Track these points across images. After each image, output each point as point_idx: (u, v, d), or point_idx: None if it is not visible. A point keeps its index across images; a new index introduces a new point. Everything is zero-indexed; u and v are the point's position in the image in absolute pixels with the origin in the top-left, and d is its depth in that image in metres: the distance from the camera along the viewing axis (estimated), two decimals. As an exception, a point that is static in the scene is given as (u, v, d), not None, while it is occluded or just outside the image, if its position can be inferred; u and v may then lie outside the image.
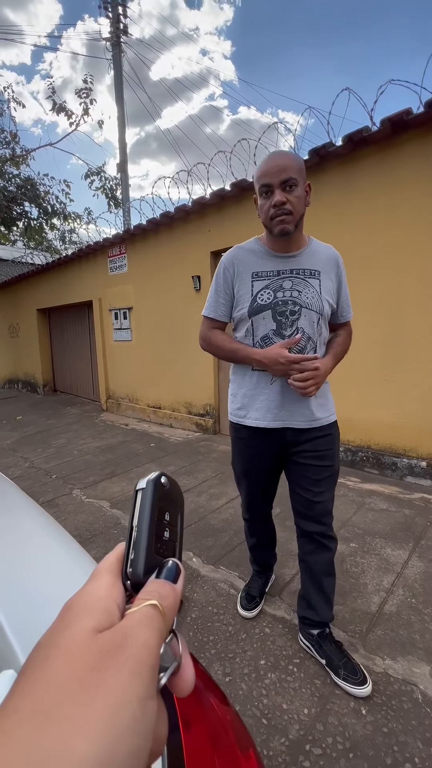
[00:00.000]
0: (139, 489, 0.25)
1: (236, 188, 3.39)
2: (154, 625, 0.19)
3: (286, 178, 1.08)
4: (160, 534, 0.24)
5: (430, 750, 1.03)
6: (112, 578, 0.22)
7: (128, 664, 0.17)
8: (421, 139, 2.47)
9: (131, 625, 0.18)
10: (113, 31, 7.27)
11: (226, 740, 0.32)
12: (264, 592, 1.62)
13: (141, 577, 0.22)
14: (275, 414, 1.22)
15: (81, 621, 0.18)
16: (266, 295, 1.17)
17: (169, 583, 0.22)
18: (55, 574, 0.56)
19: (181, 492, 0.28)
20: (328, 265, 1.20)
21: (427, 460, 2.69)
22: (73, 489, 2.92)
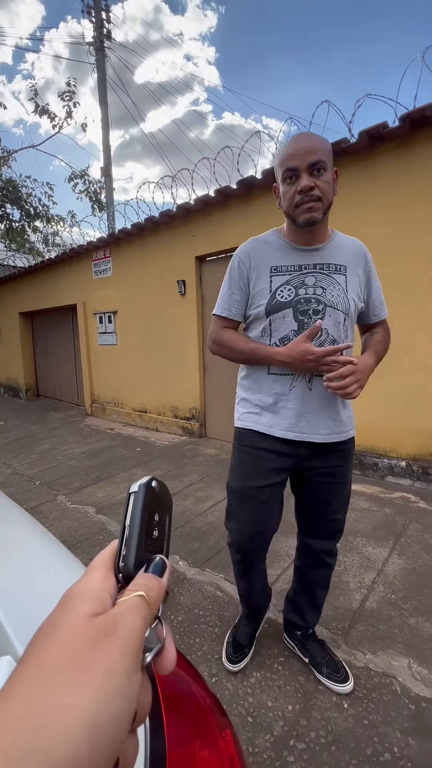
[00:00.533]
0: (131, 492, 0.28)
1: (220, 195, 3.43)
2: (140, 613, 0.22)
3: (315, 161, 0.95)
4: (150, 533, 0.27)
5: (408, 739, 1.07)
6: (106, 571, 0.24)
7: (117, 643, 0.19)
8: (397, 150, 2.57)
9: (121, 611, 0.21)
10: (97, 36, 7.27)
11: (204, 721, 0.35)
12: (254, 638, 1.38)
13: (131, 571, 0.25)
14: (293, 424, 1.07)
15: (78, 606, 0.21)
16: (287, 292, 1.05)
17: (156, 576, 0.25)
18: (46, 572, 0.59)
19: (170, 494, 0.31)
20: (355, 259, 1.09)
21: (407, 460, 2.78)
22: (57, 495, 2.88)
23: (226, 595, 1.70)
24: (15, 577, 0.55)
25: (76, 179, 8.09)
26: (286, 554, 1.93)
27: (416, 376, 2.66)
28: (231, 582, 1.77)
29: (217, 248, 3.69)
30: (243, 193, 3.36)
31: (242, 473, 1.16)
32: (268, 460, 1.12)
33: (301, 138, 0.98)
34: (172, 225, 4.08)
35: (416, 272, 2.59)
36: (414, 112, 2.31)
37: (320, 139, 1.00)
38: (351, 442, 1.18)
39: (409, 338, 2.61)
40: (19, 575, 0.56)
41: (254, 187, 3.25)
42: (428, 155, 2.47)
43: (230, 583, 1.77)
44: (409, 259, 2.61)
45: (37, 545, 0.65)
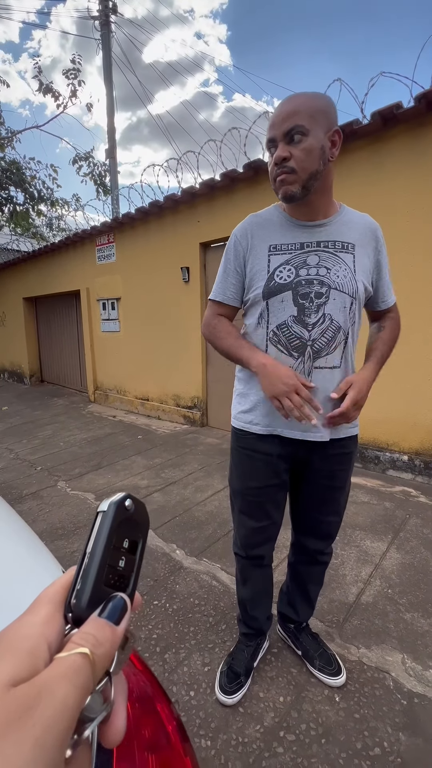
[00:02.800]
0: (99, 511, 0.24)
1: (226, 178, 3.34)
2: (78, 679, 0.17)
3: (290, 127, 0.84)
4: (114, 563, 0.23)
5: (398, 734, 1.07)
6: (51, 610, 0.20)
7: (34, 731, 0.15)
8: (410, 132, 2.46)
9: (52, 677, 0.17)
10: (102, 10, 7.01)
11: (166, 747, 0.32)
12: (252, 667, 1.24)
13: (83, 612, 0.21)
14: (292, 421, 0.99)
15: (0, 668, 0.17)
16: (286, 273, 0.94)
17: (110, 624, 0.20)
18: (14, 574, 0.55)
19: (147, 517, 0.26)
20: (365, 237, 0.97)
21: (409, 454, 2.74)
22: (58, 481, 2.90)
23: (222, 585, 1.70)
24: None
25: (81, 161, 7.92)
26: (283, 545, 1.92)
27: (419, 370, 2.61)
28: (227, 572, 1.77)
29: (222, 234, 3.60)
30: (249, 177, 3.26)
31: (241, 473, 1.12)
32: (266, 464, 1.07)
33: (283, 102, 0.87)
34: (177, 210, 3.99)
35: (425, 260, 2.51)
36: (430, 91, 2.20)
37: (304, 99, 0.86)
38: (353, 444, 1.09)
39: (413, 332, 2.55)
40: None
41: (261, 171, 3.15)
42: (444, 138, 2.36)
43: (226, 573, 1.77)
44: (419, 247, 2.52)
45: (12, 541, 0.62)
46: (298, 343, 0.96)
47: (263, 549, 1.18)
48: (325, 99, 0.88)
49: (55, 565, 0.56)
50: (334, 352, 0.96)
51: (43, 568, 0.55)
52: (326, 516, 1.16)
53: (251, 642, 1.28)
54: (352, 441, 1.08)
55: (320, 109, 0.86)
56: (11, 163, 7.42)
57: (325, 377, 0.97)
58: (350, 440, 1.08)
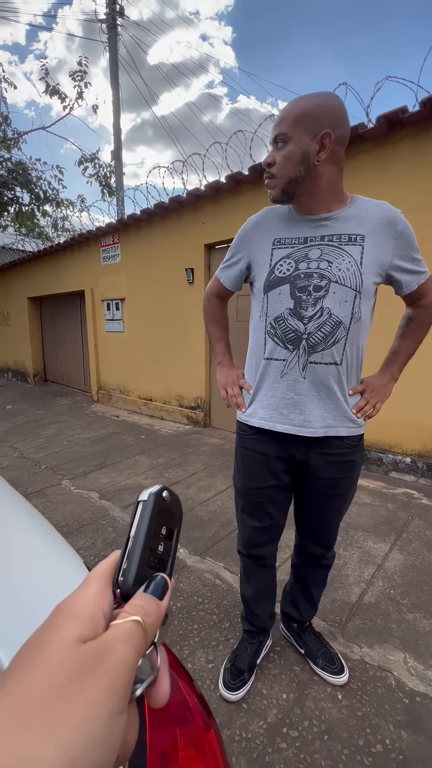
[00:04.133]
0: (140, 500, 0.26)
1: (231, 180, 3.36)
2: (134, 642, 0.20)
3: (275, 135, 0.90)
4: (155, 547, 0.25)
5: (400, 732, 1.08)
6: (102, 586, 0.23)
7: (104, 679, 0.17)
8: (416, 137, 2.48)
9: (113, 639, 0.19)
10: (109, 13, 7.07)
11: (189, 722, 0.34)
12: (255, 664, 1.26)
13: (130, 588, 0.23)
14: (284, 415, 1.00)
15: (66, 627, 0.19)
16: (286, 266, 0.95)
17: (155, 599, 0.23)
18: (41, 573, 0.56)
19: (181, 507, 0.29)
20: (379, 227, 0.92)
21: (412, 456, 2.75)
22: (62, 480, 2.92)
23: (225, 584, 1.71)
24: (5, 579, 0.52)
25: (87, 162, 7.98)
26: (286, 545, 1.94)
27: (422, 373, 2.62)
28: (230, 571, 1.79)
29: (226, 236, 3.62)
30: (255, 180, 3.28)
31: (243, 473, 1.14)
32: (265, 464, 1.07)
33: (284, 106, 0.91)
34: (182, 211, 4.02)
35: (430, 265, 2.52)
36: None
37: (295, 105, 0.88)
38: (355, 452, 1.05)
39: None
40: (11, 575, 0.53)
41: (266, 174, 3.16)
42: (448, 142, 2.37)
43: (230, 572, 1.79)
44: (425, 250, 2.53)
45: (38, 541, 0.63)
46: (293, 336, 0.96)
47: (265, 549, 1.19)
48: (318, 101, 0.87)
49: (75, 558, 0.58)
50: (332, 348, 0.94)
51: (65, 561, 0.57)
52: (325, 523, 1.15)
53: (254, 639, 1.29)
54: (355, 449, 1.04)
55: (308, 113, 0.86)
56: (17, 164, 7.48)
57: (320, 372, 0.96)
58: (353, 447, 1.03)
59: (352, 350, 0.97)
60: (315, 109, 0.86)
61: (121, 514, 2.37)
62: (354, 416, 1.01)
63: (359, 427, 1.03)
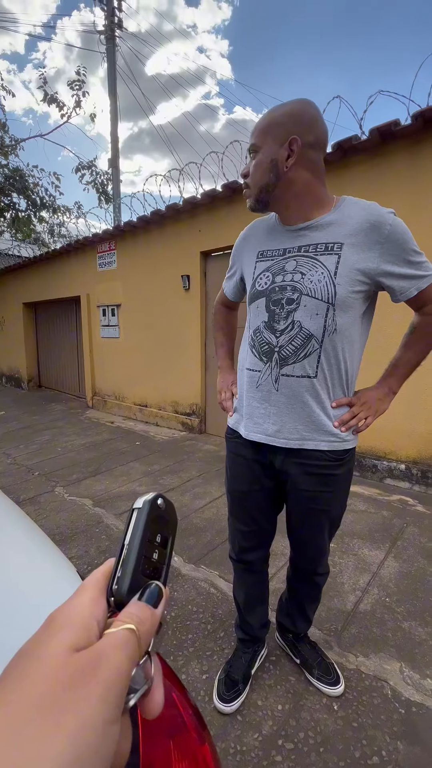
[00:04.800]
0: (135, 508, 0.26)
1: (227, 189, 3.40)
2: (128, 650, 0.20)
3: (249, 146, 0.92)
4: (149, 555, 0.25)
5: (396, 743, 1.07)
6: (96, 594, 0.22)
7: (98, 689, 0.17)
8: (408, 149, 2.53)
9: (107, 647, 0.19)
10: (108, 25, 7.19)
11: (183, 734, 0.34)
12: (250, 674, 1.24)
13: (124, 596, 0.23)
14: (258, 424, 1.00)
15: (60, 636, 0.19)
16: (264, 279, 0.96)
17: (149, 607, 0.23)
18: (32, 582, 0.56)
19: (176, 515, 0.29)
20: (360, 233, 0.87)
21: (406, 463, 2.76)
22: (55, 486, 2.89)
23: (220, 593, 1.69)
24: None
25: (84, 170, 8.03)
26: (282, 553, 1.93)
27: (417, 381, 2.64)
28: (225, 579, 1.77)
29: (222, 244, 3.65)
30: (250, 189, 3.32)
31: (230, 476, 1.16)
32: (247, 468, 1.09)
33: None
34: (179, 219, 4.05)
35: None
36: (427, 110, 2.27)
37: (264, 116, 0.90)
38: (339, 466, 0.99)
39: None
40: (4, 581, 0.52)
41: (262, 183, 3.21)
42: (440, 155, 2.43)
43: (224, 580, 1.77)
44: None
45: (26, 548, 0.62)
46: (266, 349, 0.96)
47: (253, 554, 1.19)
48: (285, 108, 0.87)
49: (68, 567, 0.57)
50: (304, 361, 0.91)
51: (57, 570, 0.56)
52: (310, 538, 1.11)
53: (248, 649, 1.28)
54: (340, 463, 0.99)
55: (275, 121, 0.87)
56: (14, 171, 7.51)
57: (292, 385, 0.94)
58: (336, 461, 0.98)
59: (330, 363, 0.92)
60: (282, 117, 0.87)
61: (115, 522, 2.35)
62: (335, 430, 0.96)
63: (343, 441, 0.97)
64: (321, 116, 0.90)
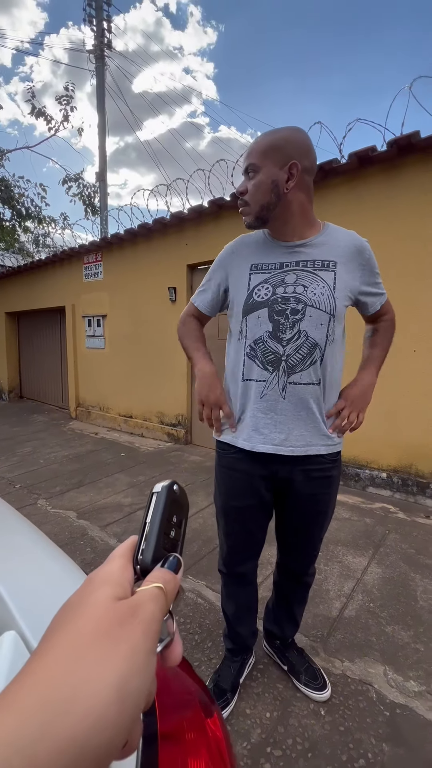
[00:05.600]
0: (154, 492, 0.30)
1: (214, 206, 3.50)
2: (159, 602, 0.23)
3: (246, 165, 0.97)
4: (168, 532, 0.29)
5: (382, 745, 1.09)
6: (125, 562, 0.26)
7: (140, 626, 0.21)
8: (384, 173, 2.69)
9: (142, 599, 0.23)
10: (97, 45, 7.36)
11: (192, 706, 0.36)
12: (238, 683, 1.25)
13: (149, 565, 0.27)
14: (264, 435, 1.01)
15: (103, 589, 0.23)
16: (264, 291, 0.99)
17: (171, 572, 0.26)
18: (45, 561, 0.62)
19: (188, 500, 0.33)
20: (348, 254, 0.99)
21: (387, 472, 2.84)
22: (38, 499, 2.83)
23: (208, 603, 1.69)
24: (16, 562, 0.57)
25: (71, 182, 8.09)
26: (268, 562, 1.94)
27: (397, 392, 2.74)
28: (212, 590, 1.77)
29: (209, 257, 3.74)
30: (236, 206, 3.42)
31: (223, 492, 1.14)
32: (246, 483, 1.08)
33: (252, 142, 0.99)
34: (165, 233, 4.13)
35: (397, 289, 2.69)
36: (401, 138, 2.43)
37: (263, 138, 0.95)
38: (335, 468, 1.08)
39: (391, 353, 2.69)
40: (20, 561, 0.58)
41: (247, 200, 3.32)
42: (413, 179, 2.59)
43: (212, 590, 1.77)
44: (392, 279, 2.71)
45: (36, 540, 0.67)
46: (272, 358, 0.99)
47: (245, 567, 1.20)
48: (283, 134, 0.94)
49: (76, 567, 0.59)
50: (310, 368, 0.98)
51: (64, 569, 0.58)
52: (307, 540, 1.16)
53: (236, 658, 1.28)
54: (334, 465, 1.08)
55: (275, 145, 0.93)
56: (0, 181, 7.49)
57: (300, 392, 0.99)
58: (333, 459, 1.07)
59: (328, 370, 1.01)
60: (281, 141, 0.93)
61: (100, 534, 2.31)
62: (331, 433, 1.05)
63: (337, 444, 1.07)
64: (312, 144, 0.98)
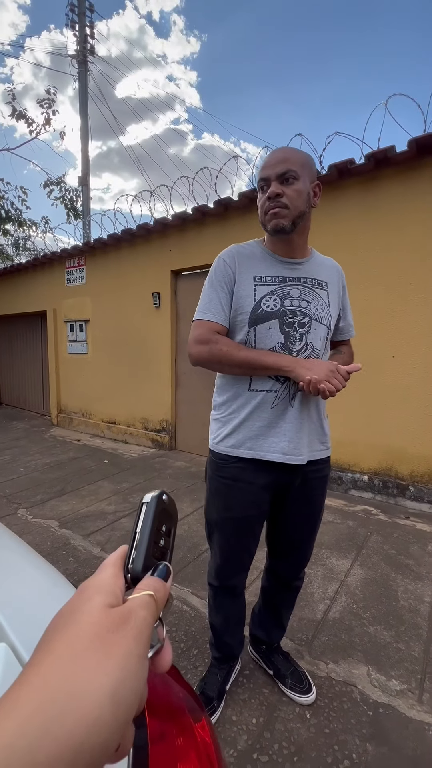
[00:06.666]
0: (144, 502, 0.31)
1: (198, 213, 3.53)
2: (149, 609, 0.24)
3: (284, 170, 0.95)
4: (157, 541, 0.30)
5: (366, 745, 1.11)
6: (116, 570, 0.27)
7: (133, 632, 0.22)
8: (362, 185, 2.78)
9: (134, 606, 0.24)
10: (80, 50, 7.35)
11: (180, 712, 0.36)
12: (225, 690, 1.24)
13: (139, 573, 0.27)
14: (276, 444, 1.02)
15: (96, 598, 0.24)
16: (272, 302, 1.00)
17: (161, 580, 0.27)
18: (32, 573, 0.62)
19: (176, 509, 0.34)
20: (333, 277, 1.09)
21: (369, 474, 2.91)
22: (18, 508, 2.75)
23: (193, 610, 1.68)
24: (3, 574, 0.57)
25: (52, 186, 7.99)
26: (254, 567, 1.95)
27: (377, 397, 2.82)
28: (198, 596, 1.76)
29: (193, 263, 3.76)
30: (220, 213, 3.47)
31: (220, 505, 1.10)
32: (247, 494, 1.06)
33: (276, 150, 1.01)
34: (149, 238, 4.13)
35: (376, 297, 2.78)
36: (377, 152, 2.53)
37: (295, 151, 0.99)
38: (328, 467, 1.15)
39: (371, 359, 2.78)
40: (7, 572, 0.57)
41: (231, 208, 3.37)
42: (389, 191, 2.69)
43: (197, 597, 1.76)
44: (370, 285, 2.79)
45: (21, 551, 0.66)
46: None
47: (237, 579, 1.20)
48: (309, 156, 1.02)
49: (60, 575, 0.59)
50: None
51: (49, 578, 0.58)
52: (303, 541, 1.19)
53: (223, 665, 1.28)
54: (326, 465, 1.14)
55: (306, 162, 0.99)
56: (-22, 183, 7.33)
57: (307, 401, 1.04)
58: (326, 462, 1.13)
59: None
60: (310, 160, 1.01)
61: (83, 543, 2.27)
62: (327, 440, 1.12)
63: (329, 448, 1.14)
64: None
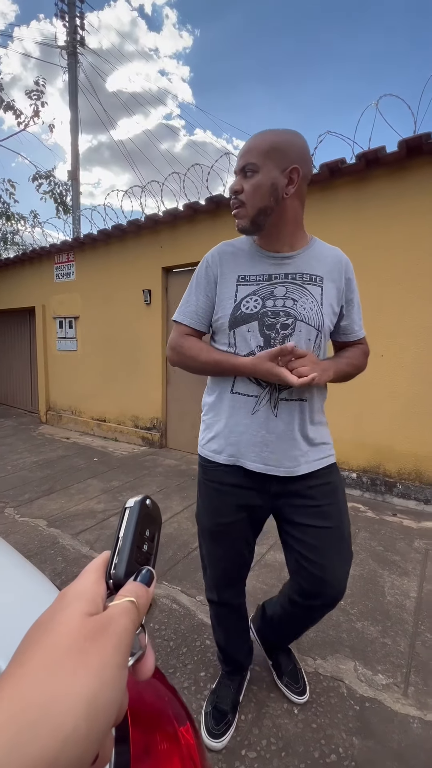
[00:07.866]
0: (127, 507, 0.30)
1: (189, 209, 3.51)
2: (130, 616, 0.23)
3: (243, 164, 0.89)
4: (140, 546, 0.29)
5: (352, 739, 1.13)
6: (98, 577, 0.26)
7: (111, 640, 0.21)
8: (353, 185, 2.80)
9: (114, 613, 0.23)
10: (70, 41, 7.22)
11: (164, 715, 0.36)
12: (238, 701, 1.18)
13: (122, 579, 0.27)
14: (256, 454, 0.95)
15: (74, 605, 0.23)
16: (253, 303, 0.94)
17: (144, 585, 0.27)
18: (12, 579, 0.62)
19: (160, 514, 0.33)
20: (334, 270, 0.98)
21: (357, 472, 2.94)
22: (5, 508, 2.71)
23: (183, 608, 1.68)
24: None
25: (41, 179, 7.85)
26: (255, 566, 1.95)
27: (367, 396, 2.85)
28: (188, 594, 1.76)
29: (184, 260, 3.74)
30: (211, 210, 3.46)
31: (209, 509, 1.05)
32: (235, 496, 1.00)
33: (251, 137, 0.91)
34: (140, 234, 4.09)
35: (365, 296, 2.80)
36: (368, 152, 2.54)
37: (263, 137, 0.89)
38: (334, 472, 1.02)
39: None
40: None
41: (222, 205, 3.36)
42: (379, 191, 2.71)
43: (187, 595, 1.76)
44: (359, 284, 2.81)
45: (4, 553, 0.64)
46: None
47: (235, 590, 1.14)
48: (286, 136, 0.89)
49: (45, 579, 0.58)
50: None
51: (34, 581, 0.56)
52: (321, 570, 0.97)
53: (235, 677, 1.22)
54: (331, 470, 1.02)
55: (277, 147, 0.87)
56: (-36, 175, 7.16)
57: (292, 410, 0.95)
58: (329, 470, 1.01)
59: (316, 388, 0.98)
60: (284, 144, 0.88)
61: (72, 542, 2.25)
62: (320, 449, 1.00)
63: (328, 457, 1.02)
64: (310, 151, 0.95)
